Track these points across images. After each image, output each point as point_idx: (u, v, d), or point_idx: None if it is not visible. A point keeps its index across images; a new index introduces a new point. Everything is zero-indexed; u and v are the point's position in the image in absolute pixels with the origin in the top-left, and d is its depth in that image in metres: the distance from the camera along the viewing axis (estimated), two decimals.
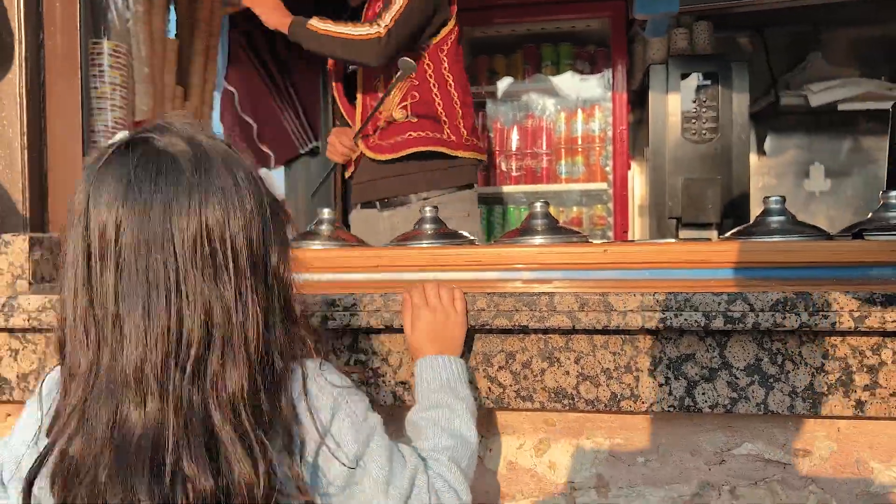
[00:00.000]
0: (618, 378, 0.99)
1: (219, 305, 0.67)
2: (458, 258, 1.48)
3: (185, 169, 0.69)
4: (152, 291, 0.66)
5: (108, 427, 0.65)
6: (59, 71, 1.51)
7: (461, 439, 0.87)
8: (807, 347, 0.95)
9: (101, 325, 0.67)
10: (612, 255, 1.40)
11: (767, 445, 1.02)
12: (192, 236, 0.67)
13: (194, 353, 0.66)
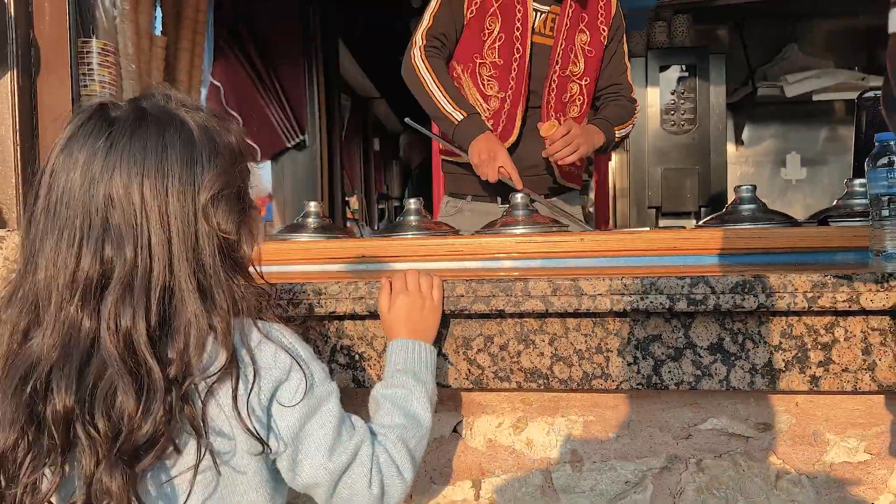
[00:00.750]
0: (589, 358, 1.05)
1: (121, 251, 0.75)
2: (438, 248, 1.54)
3: (114, 133, 0.77)
4: (62, 233, 0.75)
5: (11, 333, 0.77)
6: (49, 69, 1.55)
7: (414, 420, 0.92)
8: (765, 327, 1.01)
9: (27, 257, 0.78)
10: (588, 243, 1.46)
11: (731, 420, 1.09)
12: (103, 193, 0.75)
13: (90, 287, 0.74)
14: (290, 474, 0.83)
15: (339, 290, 1.06)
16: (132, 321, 0.74)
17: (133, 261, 0.75)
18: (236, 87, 4.33)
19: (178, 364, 0.75)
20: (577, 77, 2.03)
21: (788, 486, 1.07)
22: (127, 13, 2.03)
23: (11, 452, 0.74)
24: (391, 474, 0.87)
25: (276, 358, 0.81)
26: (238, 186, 0.83)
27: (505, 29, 1.97)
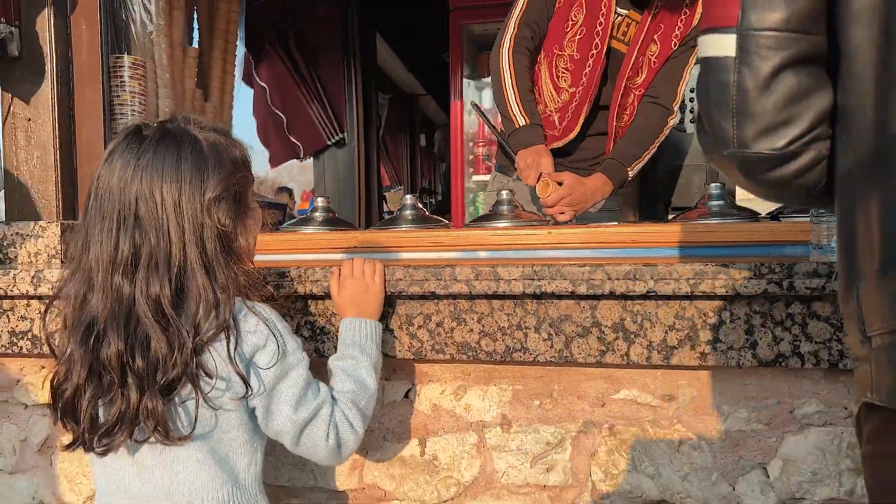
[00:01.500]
0: (511, 334, 1.21)
1: (147, 237, 0.98)
2: (423, 240, 1.71)
3: (143, 148, 1.01)
4: (105, 223, 0.99)
5: (75, 298, 1.01)
6: (85, 82, 1.80)
7: (362, 385, 1.12)
8: (662, 310, 1.16)
9: (83, 240, 1.02)
10: (555, 236, 1.61)
11: (641, 392, 1.24)
12: (134, 192, 0.99)
13: (127, 263, 0.98)
14: (264, 422, 1.06)
15: (298, 273, 1.26)
16: (159, 288, 0.97)
17: (156, 244, 0.98)
18: (281, 88, 4.57)
19: (192, 322, 0.98)
20: (636, 87, 2.05)
21: (689, 451, 1.21)
22: (162, 28, 2.26)
23: (82, 387, 0.99)
24: (345, 429, 1.08)
25: (257, 328, 1.03)
26: (237, 191, 1.06)
27: (587, 23, 2.01)
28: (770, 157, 0.74)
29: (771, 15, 0.72)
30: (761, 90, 0.73)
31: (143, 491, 1.03)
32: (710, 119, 0.78)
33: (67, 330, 1.03)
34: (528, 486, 1.27)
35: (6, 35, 1.65)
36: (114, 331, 0.97)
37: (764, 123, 0.73)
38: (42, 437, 1.49)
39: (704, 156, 0.84)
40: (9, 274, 1.36)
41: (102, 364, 0.97)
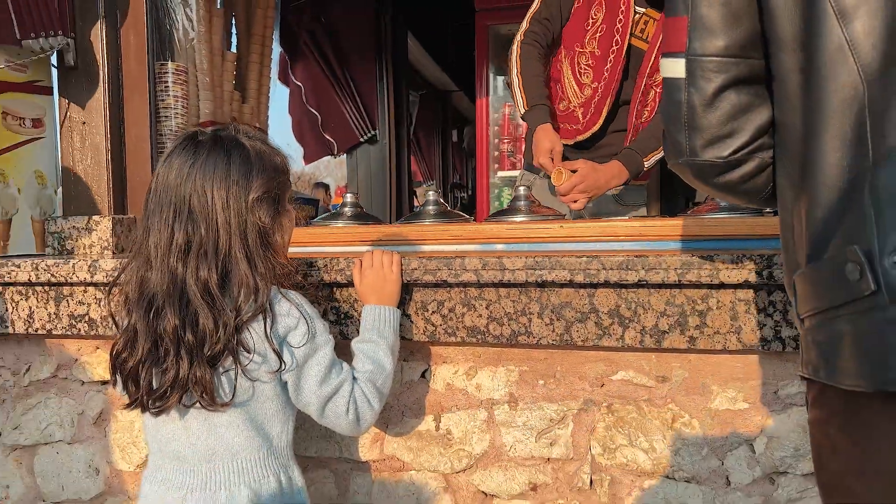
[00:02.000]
0: (516, 319, 1.33)
1: (198, 229, 1.13)
2: (443, 233, 1.84)
3: (198, 152, 1.16)
4: (163, 214, 1.14)
5: (137, 277, 1.16)
6: (133, 88, 1.96)
7: (379, 365, 1.25)
8: (654, 297, 1.26)
9: (143, 228, 1.17)
10: (567, 230, 1.72)
11: (637, 373, 1.34)
12: (189, 190, 1.13)
13: (181, 249, 1.12)
14: (294, 394, 1.20)
15: (325, 264, 1.39)
16: (207, 272, 1.12)
17: (206, 234, 1.13)
18: (315, 87, 4.73)
19: (235, 304, 1.13)
20: (656, 84, 2.12)
21: (681, 428, 1.31)
22: (202, 34, 2.42)
23: (144, 356, 1.13)
24: (364, 405, 1.21)
25: (290, 312, 1.17)
26: (276, 193, 1.21)
27: (607, 20, 2.10)
28: (716, 164, 0.85)
29: (712, 43, 0.83)
30: (706, 107, 0.84)
31: (189, 451, 1.17)
32: (668, 131, 0.89)
33: (129, 306, 1.18)
34: (533, 458, 1.38)
35: (63, 46, 1.82)
36: (170, 307, 1.12)
37: (710, 136, 0.84)
38: (97, 411, 1.65)
39: (667, 162, 0.95)
40: (69, 263, 1.52)
41: (160, 336, 1.12)
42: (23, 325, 1.59)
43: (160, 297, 1.13)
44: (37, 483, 1.70)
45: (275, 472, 1.19)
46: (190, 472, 1.17)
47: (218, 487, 1.16)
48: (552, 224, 1.75)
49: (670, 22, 0.89)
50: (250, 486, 1.16)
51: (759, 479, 1.28)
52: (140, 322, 1.14)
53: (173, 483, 1.18)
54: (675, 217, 1.87)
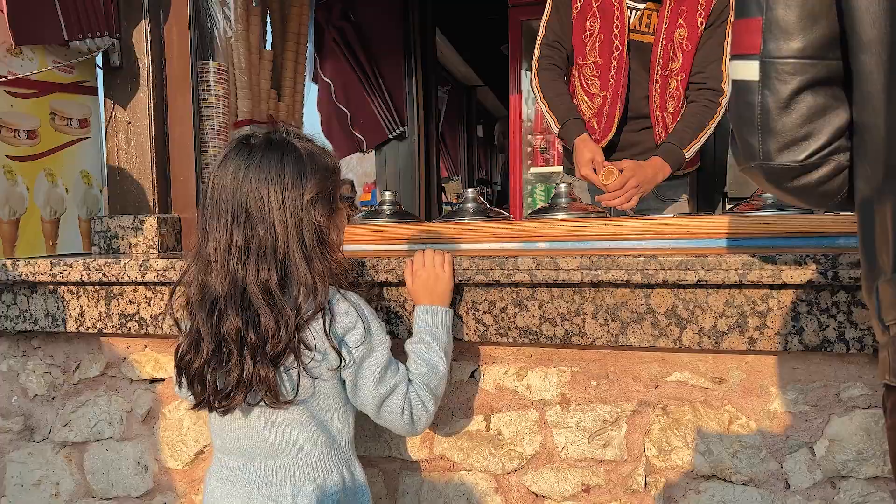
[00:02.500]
0: (570, 320, 1.31)
1: (257, 231, 1.13)
2: (485, 231, 1.83)
3: (252, 154, 1.16)
4: (221, 217, 1.15)
5: (198, 280, 1.17)
6: (176, 88, 1.96)
7: (432, 367, 1.24)
8: (713, 297, 1.24)
9: (202, 231, 1.18)
10: (612, 228, 1.70)
11: (692, 374, 1.32)
12: (245, 192, 1.14)
13: (240, 251, 1.13)
14: (351, 393, 1.21)
15: (376, 263, 1.38)
16: (267, 273, 1.13)
17: (264, 236, 1.13)
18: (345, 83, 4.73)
19: (295, 303, 1.14)
20: (675, 73, 2.11)
21: (738, 430, 1.29)
22: (240, 33, 2.43)
23: (209, 358, 1.15)
24: (418, 407, 1.21)
25: (348, 311, 1.18)
26: (329, 192, 1.21)
27: (604, 29, 2.11)
28: (792, 168, 0.83)
29: (788, 44, 0.81)
30: (782, 110, 0.82)
31: (254, 448, 1.19)
32: (740, 134, 0.87)
33: (191, 308, 1.19)
34: (586, 460, 1.37)
35: (109, 47, 1.83)
36: (232, 308, 1.12)
37: (785, 139, 0.83)
38: (146, 409, 1.67)
39: (737, 166, 0.93)
40: (119, 263, 1.53)
41: (223, 337, 1.13)
42: (74, 323, 1.61)
43: (222, 299, 1.13)
44: (86, 480, 1.72)
45: (338, 467, 1.21)
46: (255, 469, 1.19)
47: (283, 483, 1.17)
48: (597, 221, 1.73)
49: (742, 23, 0.87)
50: (314, 482, 1.17)
51: (820, 483, 1.25)
52: (203, 324, 1.14)
53: (239, 479, 1.19)
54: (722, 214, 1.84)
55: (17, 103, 1.71)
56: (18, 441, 1.76)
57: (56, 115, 1.81)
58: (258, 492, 1.17)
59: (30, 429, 1.76)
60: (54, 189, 1.81)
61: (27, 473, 1.76)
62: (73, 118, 1.87)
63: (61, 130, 1.83)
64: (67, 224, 1.86)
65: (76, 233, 1.89)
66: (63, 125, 1.84)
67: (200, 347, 1.15)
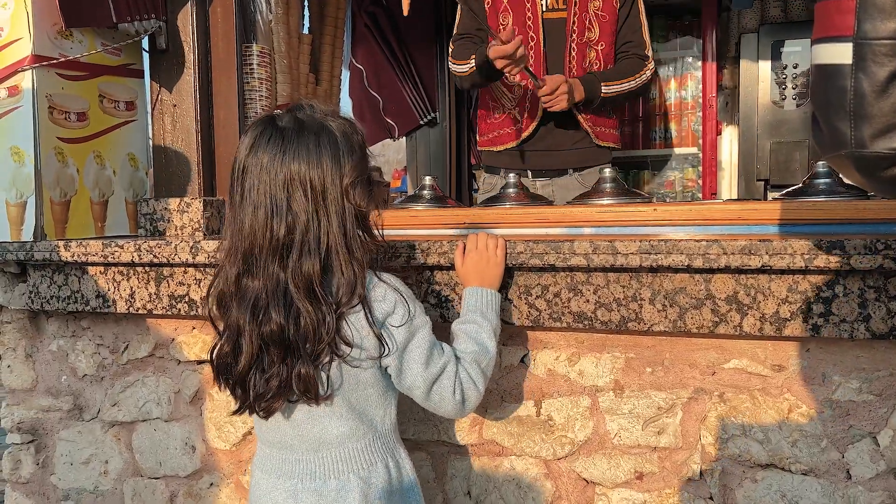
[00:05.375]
0: (626, 305, 1.29)
1: (299, 221, 1.08)
2: (527, 217, 1.80)
3: (287, 140, 1.10)
4: (258, 210, 1.09)
5: (232, 277, 1.13)
6: (221, 70, 1.96)
7: (483, 347, 1.22)
8: (775, 283, 1.21)
9: (234, 225, 1.12)
10: (660, 213, 1.68)
11: (751, 361, 1.30)
12: (284, 180, 1.08)
13: (282, 246, 1.08)
14: (396, 379, 1.18)
15: (428, 246, 1.37)
16: (310, 267, 1.08)
17: (307, 227, 1.08)
18: (376, 69, 4.71)
19: (335, 297, 1.10)
20: (593, 43, 2.18)
21: (798, 418, 1.27)
22: (280, 17, 2.42)
23: (251, 361, 1.11)
24: (469, 386, 1.19)
25: (385, 295, 1.15)
26: (368, 174, 1.17)
27: (517, 22, 2.16)
28: (887, 156, 0.80)
29: (886, 25, 0.77)
30: (878, 94, 0.78)
31: (297, 441, 1.17)
32: (828, 121, 0.83)
33: (225, 306, 1.15)
34: (639, 447, 1.36)
35: (156, 29, 1.83)
36: (275, 308, 1.09)
37: (881, 125, 0.79)
38: (193, 390, 1.68)
39: (821, 154, 0.89)
40: (170, 245, 1.53)
41: (265, 340, 1.09)
42: (124, 304, 1.62)
43: (263, 298, 1.10)
44: (135, 459, 1.74)
45: (382, 458, 1.18)
46: (298, 462, 1.17)
47: (327, 476, 1.15)
48: (645, 207, 1.70)
49: (831, 4, 0.83)
50: (359, 475, 1.15)
51: (883, 474, 1.23)
52: (246, 325, 1.11)
53: (283, 472, 1.18)
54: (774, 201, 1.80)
55: (67, 85, 1.72)
56: (68, 420, 1.79)
57: (104, 97, 1.82)
58: (302, 485, 1.15)
59: (79, 408, 1.78)
60: (102, 171, 1.82)
61: (77, 452, 1.78)
62: (120, 101, 1.87)
63: (109, 113, 1.84)
64: (114, 206, 1.87)
65: (123, 215, 1.90)
66: (111, 108, 1.85)
67: (241, 351, 1.11)
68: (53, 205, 1.69)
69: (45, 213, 1.67)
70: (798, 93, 2.96)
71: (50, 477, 1.82)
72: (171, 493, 1.71)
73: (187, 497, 1.70)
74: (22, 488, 1.84)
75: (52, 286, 1.68)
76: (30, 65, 1.63)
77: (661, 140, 3.29)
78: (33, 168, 1.65)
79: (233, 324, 1.13)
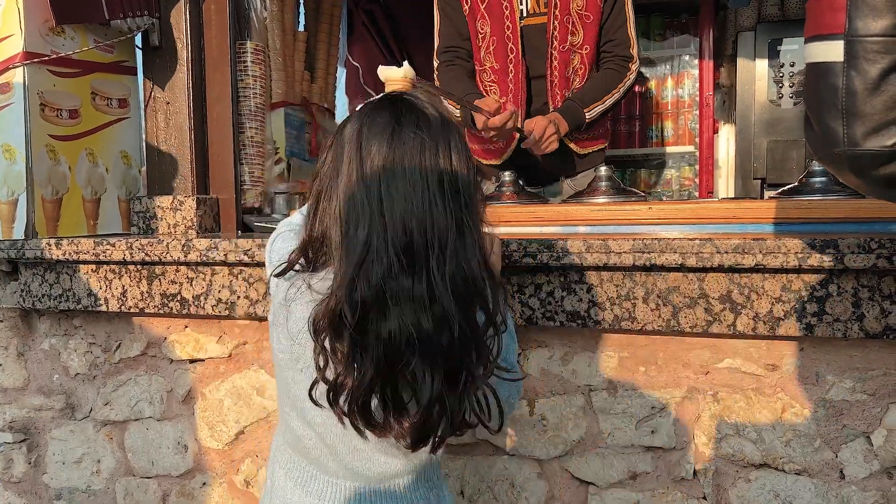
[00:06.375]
0: (619, 304, 1.29)
1: (451, 223, 0.90)
2: (523, 215, 1.80)
3: (434, 125, 0.93)
4: (407, 202, 0.89)
5: (381, 280, 0.88)
6: (215, 68, 1.95)
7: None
8: (769, 282, 1.21)
9: (373, 212, 0.90)
10: (655, 212, 1.67)
11: (744, 361, 1.29)
12: (438, 172, 0.90)
13: (437, 243, 0.89)
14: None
15: None
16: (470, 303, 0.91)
17: (444, 227, 0.89)
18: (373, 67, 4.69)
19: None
20: (577, 47, 2.03)
21: (792, 418, 1.26)
22: (275, 14, 2.41)
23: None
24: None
25: None
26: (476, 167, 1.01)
27: (496, 31, 2.04)
28: (880, 154, 0.79)
29: (877, 22, 0.77)
30: (870, 92, 0.77)
31: (353, 470, 1.05)
32: (820, 120, 0.83)
33: (364, 320, 0.91)
34: (633, 446, 1.35)
35: (149, 26, 1.82)
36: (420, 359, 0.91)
37: (874, 122, 0.78)
38: (186, 389, 1.67)
39: (814, 154, 0.88)
40: (162, 243, 1.53)
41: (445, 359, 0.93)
42: (116, 303, 1.61)
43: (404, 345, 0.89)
44: (127, 458, 1.73)
45: (428, 491, 1.09)
46: (344, 490, 1.06)
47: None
48: (640, 206, 1.70)
49: (823, 2, 0.82)
50: None
51: (877, 474, 1.22)
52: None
53: (324, 496, 1.07)
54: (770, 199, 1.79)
55: (59, 82, 1.70)
56: (60, 419, 1.78)
57: (97, 94, 1.81)
58: None
59: (71, 407, 1.77)
60: (95, 169, 1.81)
61: (69, 451, 1.77)
62: (113, 98, 1.86)
63: (101, 110, 1.83)
64: (107, 204, 1.86)
65: (116, 213, 1.89)
66: (103, 105, 1.84)
67: (422, 377, 0.91)
68: (45, 202, 1.68)
69: (36, 211, 1.66)
70: (795, 91, 2.95)
71: (42, 476, 1.81)
72: (163, 492, 1.71)
73: (180, 496, 1.69)
74: (14, 487, 1.83)
75: (43, 284, 1.67)
76: (21, 62, 1.62)
77: (657, 139, 3.28)
78: (24, 166, 1.64)
79: (387, 337, 0.89)
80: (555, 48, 2.01)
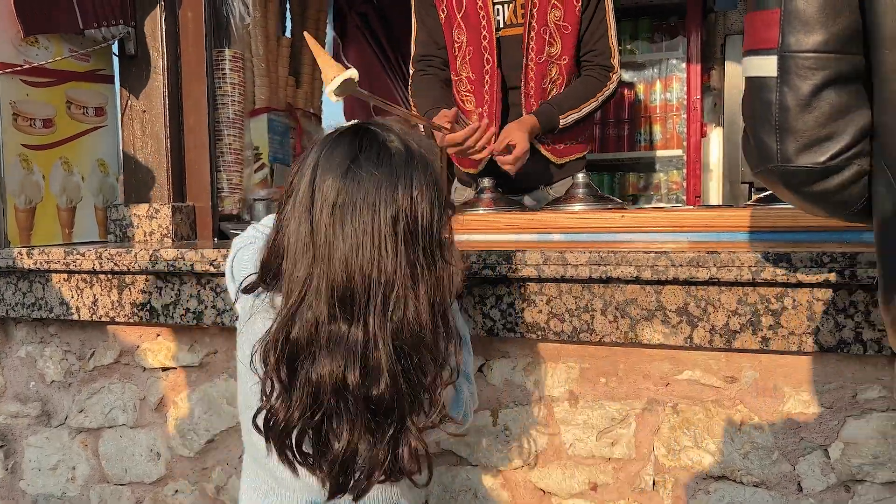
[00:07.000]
0: (578, 316, 1.29)
1: (403, 269, 0.88)
2: (500, 223, 1.80)
3: (395, 161, 0.90)
4: (352, 246, 0.87)
5: (314, 323, 0.88)
6: (192, 76, 1.96)
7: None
8: (725, 295, 1.21)
9: (316, 252, 0.89)
10: (628, 220, 1.67)
11: (704, 373, 1.29)
12: (393, 214, 0.87)
13: (381, 291, 0.87)
14: None
15: None
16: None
17: (392, 273, 0.88)
18: (368, 70, 4.70)
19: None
20: (555, 58, 2.01)
21: (750, 430, 1.26)
22: (258, 20, 2.41)
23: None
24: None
25: None
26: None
27: (472, 41, 2.02)
28: (812, 170, 0.79)
29: (809, 37, 0.76)
30: (802, 108, 0.77)
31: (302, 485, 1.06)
32: (755, 135, 0.83)
33: (297, 358, 0.92)
34: (594, 458, 1.35)
35: (125, 35, 1.83)
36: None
37: (806, 139, 0.78)
38: (158, 397, 1.68)
39: (751, 170, 0.88)
40: (130, 252, 1.54)
41: (374, 401, 0.92)
42: (88, 312, 1.63)
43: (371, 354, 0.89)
44: (102, 465, 1.74)
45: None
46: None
47: None
48: (613, 213, 1.70)
49: (757, 17, 0.83)
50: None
51: (834, 487, 1.22)
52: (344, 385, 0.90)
53: None
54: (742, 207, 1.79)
55: (32, 92, 1.72)
56: (36, 426, 1.79)
57: (72, 103, 1.82)
58: None
59: (47, 414, 1.79)
60: (70, 177, 1.82)
61: (44, 458, 1.79)
62: (89, 107, 1.87)
63: (77, 119, 1.84)
64: (84, 212, 1.88)
65: (93, 221, 1.90)
66: (79, 114, 1.85)
67: (341, 418, 0.90)
68: (18, 212, 1.69)
69: (9, 220, 1.67)
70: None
71: (19, 482, 1.83)
72: (136, 499, 1.72)
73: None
74: None
75: (17, 293, 1.68)
76: None
77: (646, 142, 3.28)
78: None
79: (315, 381, 0.89)
80: (531, 59, 2.00)
